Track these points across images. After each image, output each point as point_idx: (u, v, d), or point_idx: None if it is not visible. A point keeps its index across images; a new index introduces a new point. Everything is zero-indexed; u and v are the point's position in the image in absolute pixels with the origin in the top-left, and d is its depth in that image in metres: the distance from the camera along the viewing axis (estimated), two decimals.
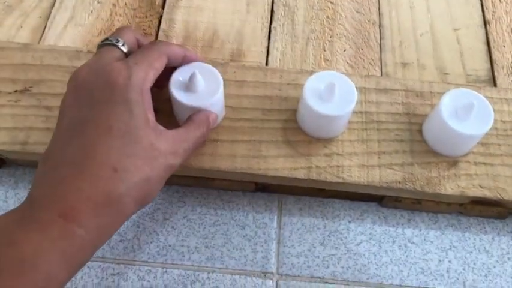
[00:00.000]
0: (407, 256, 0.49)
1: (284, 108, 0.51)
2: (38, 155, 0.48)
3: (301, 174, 0.47)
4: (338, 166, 0.48)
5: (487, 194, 0.47)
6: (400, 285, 0.47)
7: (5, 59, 0.53)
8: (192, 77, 0.45)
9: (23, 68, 0.52)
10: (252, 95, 0.51)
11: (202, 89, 0.46)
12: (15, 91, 0.51)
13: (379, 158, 0.48)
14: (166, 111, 0.49)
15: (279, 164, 0.48)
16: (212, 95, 0.46)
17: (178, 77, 0.46)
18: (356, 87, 0.51)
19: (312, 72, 0.53)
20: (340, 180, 0.47)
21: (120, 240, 0.49)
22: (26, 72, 0.52)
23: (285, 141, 0.49)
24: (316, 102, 0.46)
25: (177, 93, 0.46)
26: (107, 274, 0.47)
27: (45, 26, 0.58)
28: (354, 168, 0.48)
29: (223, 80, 0.50)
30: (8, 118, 0.49)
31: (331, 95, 0.46)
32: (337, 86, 0.45)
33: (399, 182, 0.47)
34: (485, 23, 0.60)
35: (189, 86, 0.46)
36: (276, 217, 0.51)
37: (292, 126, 0.50)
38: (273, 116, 0.50)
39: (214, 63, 0.52)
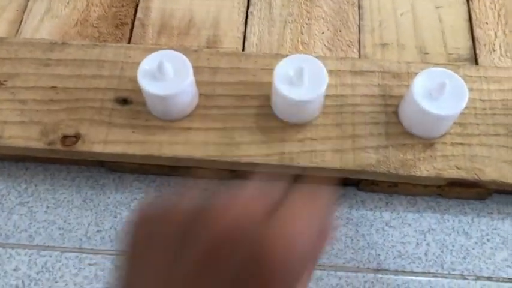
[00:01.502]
0: (384, 240, 0.48)
1: (258, 94, 0.50)
2: (13, 148, 0.48)
3: (274, 160, 0.47)
4: (311, 151, 0.47)
5: (463, 175, 0.46)
6: (377, 269, 0.47)
7: None
8: (159, 65, 0.45)
9: None
10: (226, 82, 0.51)
11: (171, 77, 0.46)
12: None
13: (353, 141, 0.48)
14: (138, 102, 0.49)
15: (252, 150, 0.47)
16: (181, 83, 0.46)
17: (145, 65, 0.46)
18: (331, 70, 0.50)
19: (285, 56, 0.52)
20: (314, 165, 0.47)
21: (97, 231, 0.49)
22: (0, 66, 0.52)
23: (259, 128, 0.48)
24: (286, 87, 0.45)
25: (145, 82, 0.46)
26: (84, 265, 0.48)
27: (22, 19, 0.58)
28: (327, 152, 0.47)
29: (197, 67, 0.50)
30: None
31: (300, 80, 0.45)
32: (306, 69, 0.44)
33: (373, 165, 0.46)
34: None
35: (157, 74, 0.45)
36: None
37: (266, 112, 0.49)
38: (247, 102, 0.50)
39: (187, 51, 0.52)
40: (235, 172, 0.51)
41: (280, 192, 0.28)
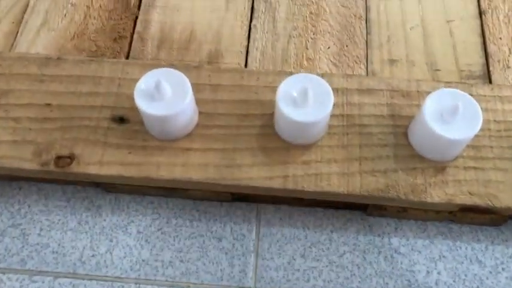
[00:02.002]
0: (393, 268, 0.46)
1: (261, 113, 0.48)
2: (5, 169, 0.47)
3: (276, 183, 0.45)
4: (316, 174, 0.45)
5: (476, 201, 0.44)
6: None
7: None
8: (157, 85, 0.43)
9: None
10: (227, 100, 0.49)
11: (169, 96, 0.44)
12: None
13: (360, 164, 0.45)
14: (136, 121, 0.47)
15: (254, 173, 0.45)
16: (180, 103, 0.44)
17: (142, 85, 0.44)
18: (337, 89, 0.48)
19: (291, 73, 0.50)
20: (319, 190, 0.44)
21: (92, 255, 0.47)
22: None
23: (261, 149, 0.46)
24: (290, 108, 0.43)
25: (142, 102, 0.44)
26: None
27: (18, 32, 0.56)
28: (333, 176, 0.45)
29: (197, 84, 0.48)
30: None
31: (304, 100, 0.43)
32: (311, 90, 0.42)
33: (381, 190, 0.44)
34: (481, 13, 0.56)
35: (154, 94, 0.43)
36: (254, 228, 0.48)
37: (269, 132, 0.47)
38: (249, 122, 0.48)
39: (187, 67, 0.50)
40: (237, 194, 0.49)
41: None
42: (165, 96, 0.43)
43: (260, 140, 0.47)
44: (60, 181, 0.51)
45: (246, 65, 0.54)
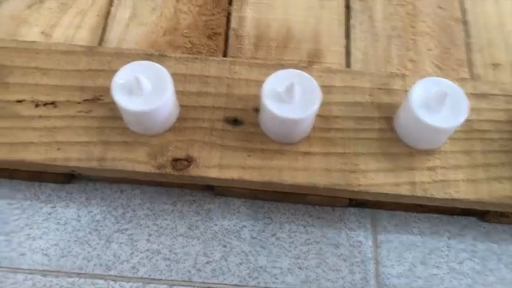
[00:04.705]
0: None
1: (378, 116, 0.47)
2: (117, 171, 0.44)
3: (405, 190, 0.44)
4: (443, 181, 0.44)
5: None
6: None
7: (70, 65, 0.48)
8: (289, 88, 0.41)
9: (90, 74, 0.48)
10: (341, 102, 0.48)
11: (298, 100, 0.42)
12: (85, 100, 0.47)
13: (486, 171, 0.45)
14: (250, 122, 0.46)
15: (380, 179, 0.44)
16: (310, 106, 0.42)
17: (270, 85, 0.42)
18: None
19: (403, 76, 0.49)
20: (448, 197, 0.44)
21: (207, 262, 0.45)
22: (93, 78, 0.48)
23: (384, 154, 0.45)
24: (426, 113, 0.42)
25: (272, 104, 0.42)
26: None
27: (105, 25, 0.54)
28: (460, 182, 0.44)
29: None
30: (80, 131, 0.45)
31: (441, 105, 0.42)
32: (449, 95, 0.41)
33: (510, 198, 0.44)
34: None
35: (283, 96, 0.42)
36: (370, 234, 0.47)
37: (390, 136, 0.46)
38: (367, 125, 0.47)
39: (296, 67, 0.48)
40: (354, 200, 0.48)
41: None
42: (294, 99, 0.42)
43: (381, 144, 0.46)
44: (164, 184, 0.49)
45: (348, 65, 0.52)
